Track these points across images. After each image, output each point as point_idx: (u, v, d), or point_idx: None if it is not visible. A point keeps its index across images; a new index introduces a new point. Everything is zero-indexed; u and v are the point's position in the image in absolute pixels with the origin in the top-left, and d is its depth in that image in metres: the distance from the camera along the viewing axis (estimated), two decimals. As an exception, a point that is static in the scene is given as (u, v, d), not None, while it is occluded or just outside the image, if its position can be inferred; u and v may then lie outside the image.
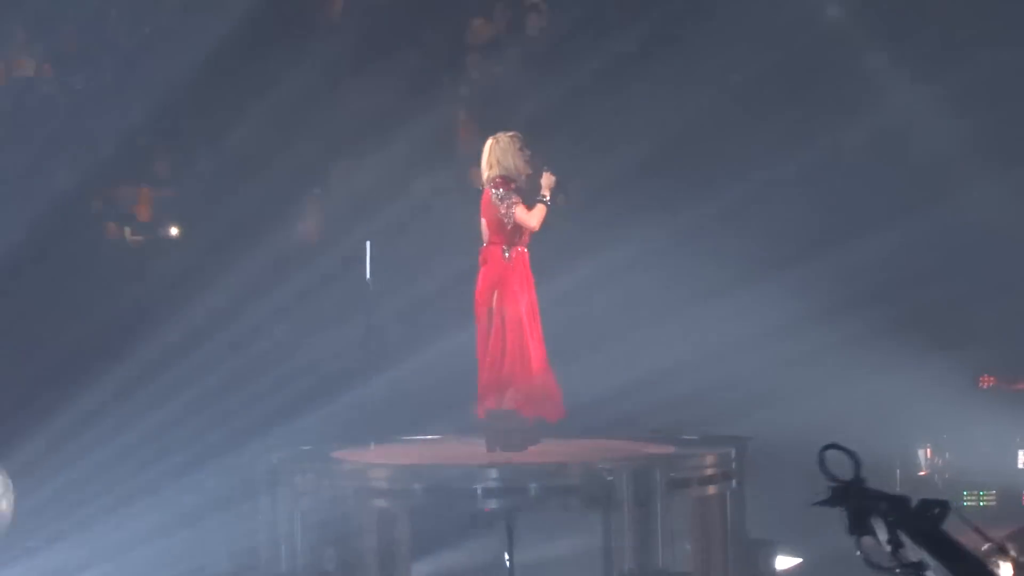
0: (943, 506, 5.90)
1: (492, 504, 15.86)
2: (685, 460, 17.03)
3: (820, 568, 18.65)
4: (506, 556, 15.60)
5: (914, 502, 6.08)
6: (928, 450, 22.00)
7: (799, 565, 18.95)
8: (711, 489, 16.43)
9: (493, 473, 15.98)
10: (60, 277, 23.35)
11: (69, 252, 24.46)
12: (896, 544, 5.89)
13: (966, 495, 21.35)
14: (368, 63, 25.97)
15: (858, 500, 6.07)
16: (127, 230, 25.33)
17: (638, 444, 17.89)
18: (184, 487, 19.77)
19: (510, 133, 17.87)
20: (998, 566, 16.25)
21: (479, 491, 15.60)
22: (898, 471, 21.00)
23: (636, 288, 22.28)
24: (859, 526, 6.05)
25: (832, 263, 22.36)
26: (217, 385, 20.46)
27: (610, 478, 15.89)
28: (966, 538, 14.79)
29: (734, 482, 16.97)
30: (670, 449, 17.35)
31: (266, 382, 20.34)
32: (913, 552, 5.79)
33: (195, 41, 25.60)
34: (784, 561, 17.90)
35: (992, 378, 22.59)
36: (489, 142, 17.85)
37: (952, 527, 13.72)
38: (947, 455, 21.70)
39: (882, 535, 5.88)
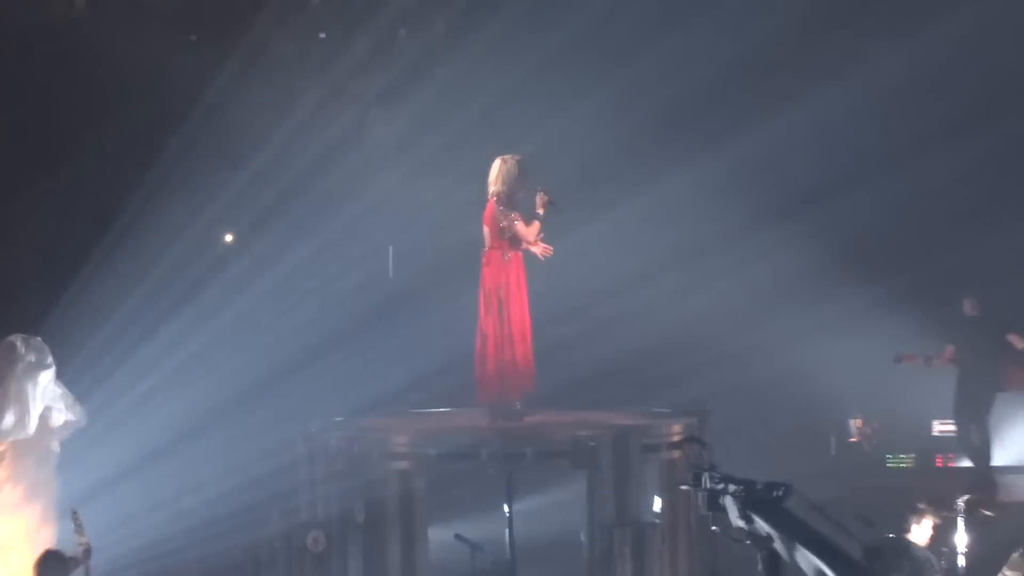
0: (786, 487, 7.13)
1: (494, 465, 16.86)
2: (655, 429, 18.01)
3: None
4: (505, 507, 15.60)
5: (760, 484, 7.26)
6: (859, 420, 23.07)
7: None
8: (674, 452, 17.28)
9: (496, 440, 17.06)
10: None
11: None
12: (747, 520, 7.06)
13: (890, 458, 22.64)
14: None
15: (714, 487, 7.23)
16: None
17: (615, 416, 18.60)
18: (242, 440, 20.24)
19: (516, 157, 18.79)
20: (918, 524, 17.60)
21: (484, 454, 16.65)
22: (832, 438, 22.37)
23: (608, 282, 22.57)
24: (713, 505, 7.28)
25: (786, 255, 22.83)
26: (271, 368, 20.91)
27: (592, 444, 17.18)
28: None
29: (701, 443, 20.06)
30: (642, 419, 18.52)
31: (310, 369, 20.97)
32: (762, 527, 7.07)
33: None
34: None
35: (913, 357, 22.63)
36: (497, 161, 18.70)
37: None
38: (875, 424, 22.89)
39: (733, 513, 7.04)
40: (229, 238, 23.46)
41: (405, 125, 24.98)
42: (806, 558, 6.79)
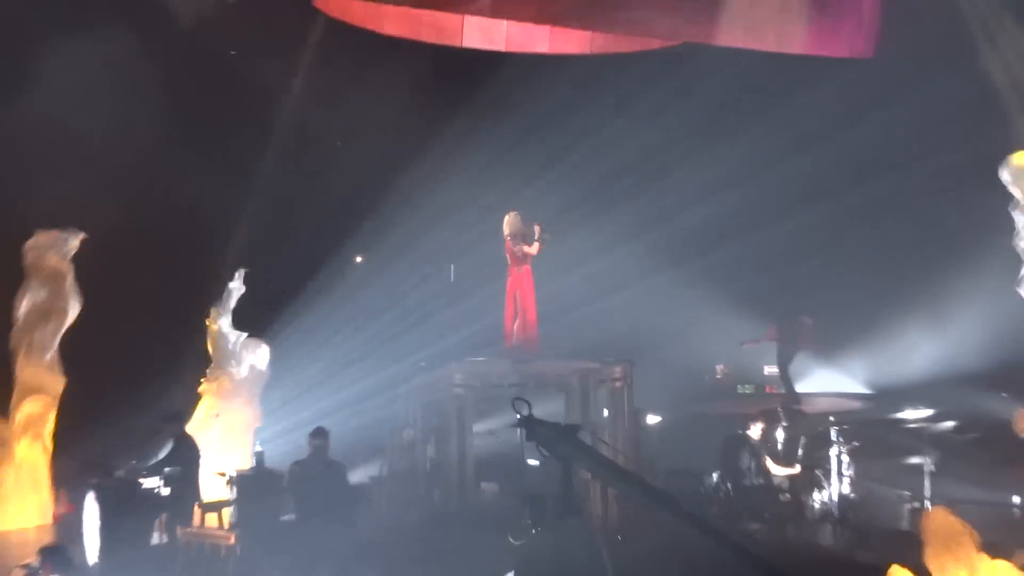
0: (576, 427, 9.36)
1: (511, 390, 19.48)
2: (605, 370, 21.36)
3: (675, 423, 23.32)
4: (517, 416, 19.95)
5: (562, 424, 9.50)
6: (722, 366, 26.11)
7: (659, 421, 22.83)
8: (617, 384, 21.23)
9: (512, 376, 20.86)
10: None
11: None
12: (552, 448, 9.15)
13: (740, 387, 25.67)
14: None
15: (529, 426, 9.25)
16: None
17: (582, 363, 21.45)
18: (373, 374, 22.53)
19: (515, 212, 22.06)
20: (754, 425, 19.45)
21: (505, 384, 20.50)
22: (706, 376, 25.32)
23: (580, 291, 24.51)
24: (533, 438, 9.31)
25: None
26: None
27: (568, 378, 20.95)
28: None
29: (628, 381, 21.50)
30: (597, 364, 21.46)
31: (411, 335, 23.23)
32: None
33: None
34: (652, 418, 22.66)
35: (752, 342, 25.43)
36: (506, 217, 22.02)
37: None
38: (730, 369, 26.10)
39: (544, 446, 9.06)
40: (359, 259, 25.03)
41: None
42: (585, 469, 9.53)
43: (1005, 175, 20.15)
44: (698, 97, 24.26)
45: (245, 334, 21.14)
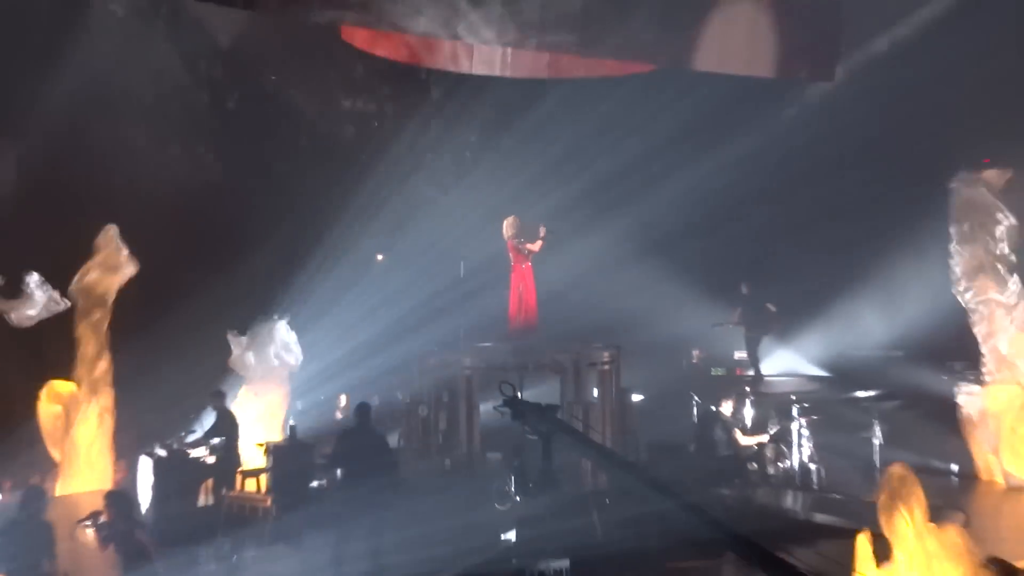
0: (555, 407, 9.17)
1: (513, 371, 20.13)
2: (595, 354, 21.32)
3: (657, 397, 23.09)
4: (518, 394, 20.20)
5: (544, 405, 9.27)
6: (697, 351, 25.49)
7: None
8: (606, 366, 21.06)
9: (514, 359, 20.86)
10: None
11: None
12: (533, 426, 8.96)
13: (713, 370, 25.17)
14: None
15: (515, 406, 9.09)
16: None
17: (576, 348, 21.45)
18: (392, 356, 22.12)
19: (512, 217, 21.98)
20: (726, 402, 19.51)
21: (508, 366, 20.51)
22: (683, 360, 24.83)
23: (572, 269, 24.08)
24: (517, 417, 9.10)
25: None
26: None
27: (564, 362, 20.96)
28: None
29: (615, 364, 21.33)
30: (589, 349, 21.42)
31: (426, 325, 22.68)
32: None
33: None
34: (636, 396, 22.33)
35: (721, 324, 25.03)
36: (508, 220, 21.90)
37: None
38: (706, 353, 25.55)
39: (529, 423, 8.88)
40: (380, 257, 24.78)
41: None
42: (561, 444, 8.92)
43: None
44: (675, 113, 24.02)
45: (281, 322, 21.02)
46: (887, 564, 13.69)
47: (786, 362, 23.37)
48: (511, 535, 16.27)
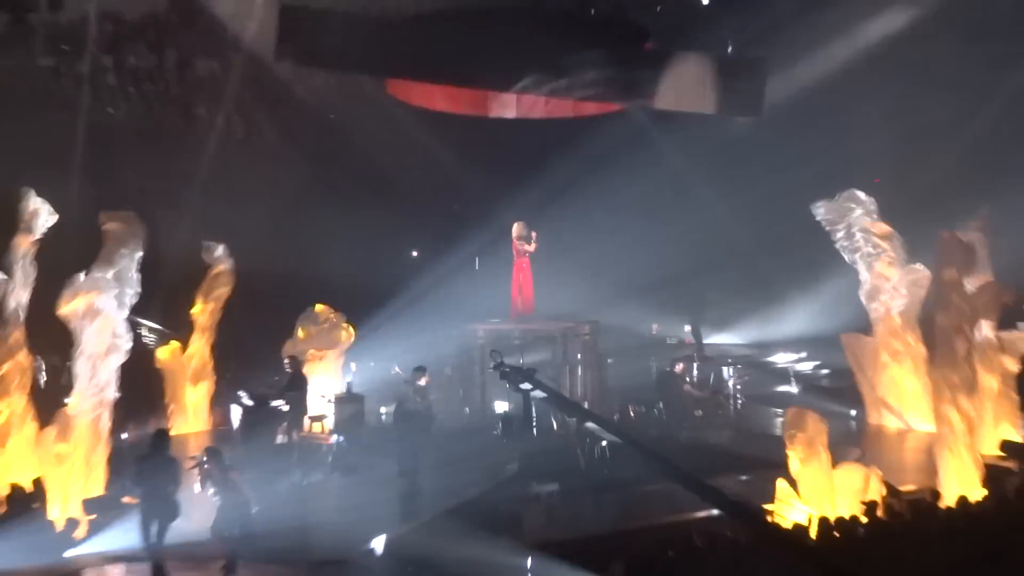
0: (532, 370, 9.35)
1: (518, 341, 20.53)
2: (578, 328, 21.43)
3: (625, 360, 22.36)
4: (520, 360, 18.05)
5: (525, 367, 9.51)
6: (656, 325, 24.78)
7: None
8: (587, 337, 21.12)
9: (516, 332, 21.01)
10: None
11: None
12: (515, 384, 9.15)
13: (668, 339, 24.79)
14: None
15: (501, 369, 9.29)
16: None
17: (563, 323, 21.42)
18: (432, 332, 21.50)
19: (519, 222, 21.66)
20: (679, 364, 19.68)
21: (512, 337, 20.82)
22: (646, 332, 24.23)
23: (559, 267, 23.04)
24: (503, 377, 9.38)
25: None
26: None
27: (556, 334, 20.89)
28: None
29: (594, 335, 21.34)
30: (573, 324, 21.41)
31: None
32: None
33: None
34: (610, 360, 21.95)
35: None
36: (517, 224, 21.63)
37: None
38: (661, 327, 24.68)
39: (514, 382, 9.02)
40: (415, 253, 24.46)
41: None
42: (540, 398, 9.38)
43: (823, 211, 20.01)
44: (636, 153, 23.92)
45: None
46: (800, 492, 13.81)
47: (723, 336, 22.88)
48: (515, 466, 16.49)
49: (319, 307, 20.19)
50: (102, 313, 15.27)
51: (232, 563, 12.53)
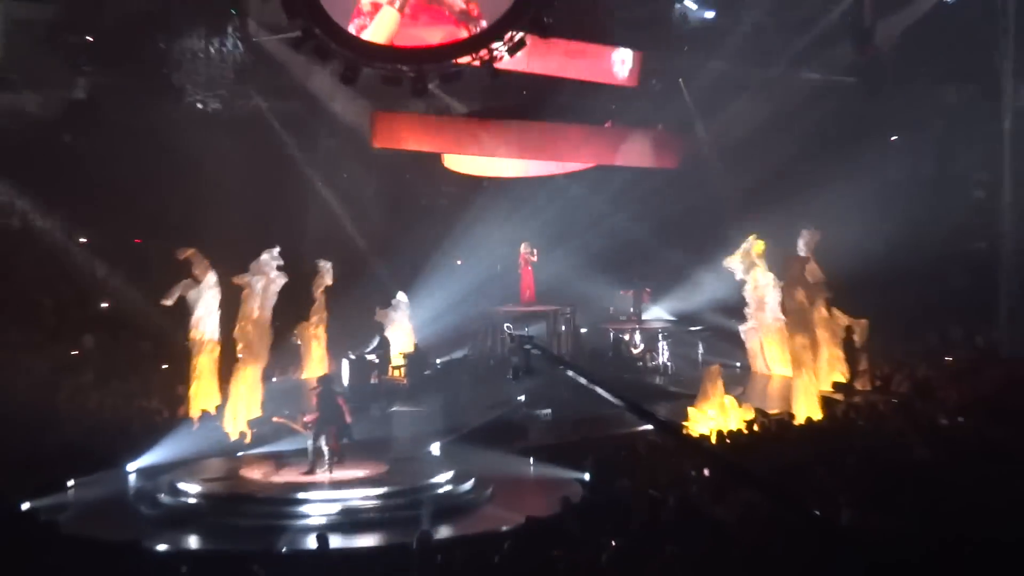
0: (530, 337, 9.03)
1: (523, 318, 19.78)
2: (563, 309, 20.31)
3: (593, 330, 21.21)
4: (526, 330, 17.30)
5: (527, 335, 9.42)
6: (611, 308, 22.07)
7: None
8: (568, 315, 20.26)
9: (523, 312, 20.23)
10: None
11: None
12: (520, 345, 8.65)
13: (620, 316, 22.02)
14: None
15: (511, 336, 11.34)
16: None
17: (554, 307, 20.26)
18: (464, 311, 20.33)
19: (527, 241, 20.79)
20: (625, 334, 19.52)
21: (520, 316, 20.08)
22: (606, 311, 21.73)
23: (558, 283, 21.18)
24: (512, 340, 11.04)
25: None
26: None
27: (548, 313, 20.12)
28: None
29: (574, 314, 20.43)
30: (560, 307, 20.29)
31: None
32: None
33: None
34: (583, 330, 21.00)
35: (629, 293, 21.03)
36: (524, 244, 20.79)
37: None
38: (615, 308, 21.98)
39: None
40: (459, 261, 22.46)
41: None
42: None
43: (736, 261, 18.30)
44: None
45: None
46: (705, 418, 13.95)
47: (655, 312, 21.65)
48: (521, 397, 16.28)
49: (400, 294, 19.67)
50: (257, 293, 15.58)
51: (341, 457, 12.49)
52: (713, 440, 12.33)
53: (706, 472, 10.08)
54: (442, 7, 14.74)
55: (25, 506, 10.66)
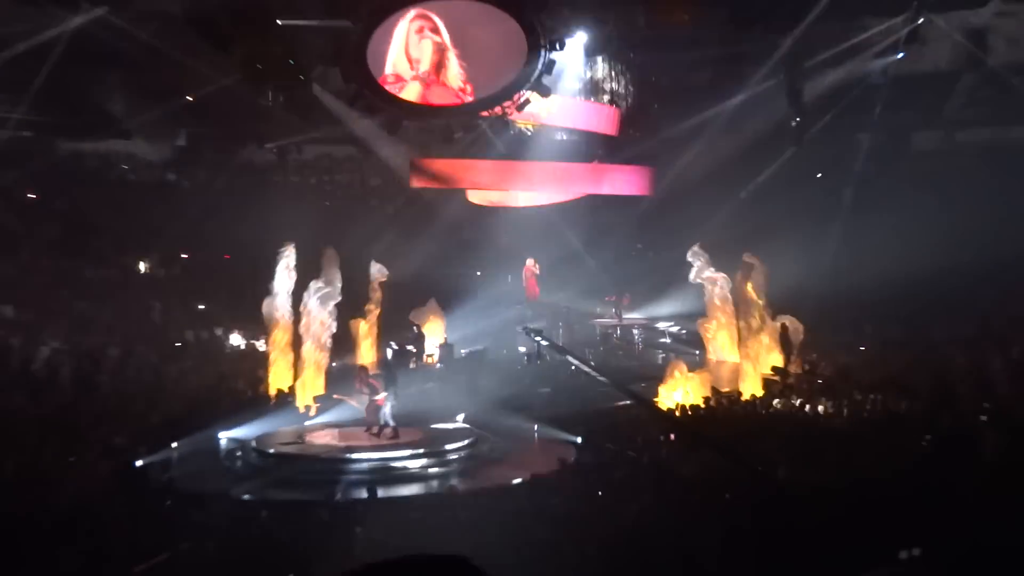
0: (539, 330, 9.20)
1: (530, 317, 18.87)
2: (561, 308, 19.62)
3: (583, 327, 19.77)
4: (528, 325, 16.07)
5: (536, 328, 9.75)
6: (599, 308, 21.06)
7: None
8: (565, 313, 19.48)
9: (531, 311, 19.50)
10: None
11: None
12: (531, 337, 9.04)
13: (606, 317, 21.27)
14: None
15: (526, 330, 9.49)
16: None
17: (554, 306, 19.75)
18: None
19: (533, 258, 20.18)
20: (609, 328, 20.51)
21: (530, 313, 19.33)
22: (596, 310, 20.37)
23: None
24: (526, 333, 9.56)
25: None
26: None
27: (549, 306, 19.71)
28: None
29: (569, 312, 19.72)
30: (559, 307, 19.53)
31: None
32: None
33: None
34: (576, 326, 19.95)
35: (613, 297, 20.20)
36: (529, 260, 20.26)
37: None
38: (602, 310, 20.86)
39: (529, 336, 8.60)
40: (479, 273, 21.39)
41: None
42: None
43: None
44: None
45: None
46: (671, 395, 13.60)
47: (633, 315, 20.89)
48: (529, 379, 16.12)
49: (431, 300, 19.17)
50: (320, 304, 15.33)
51: (388, 427, 12.42)
52: (677, 412, 12.28)
53: (672, 437, 10.09)
54: (447, 85, 15.48)
55: (140, 463, 10.86)
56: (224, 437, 12.64)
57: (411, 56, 15.27)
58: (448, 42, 15.12)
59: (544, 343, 10.20)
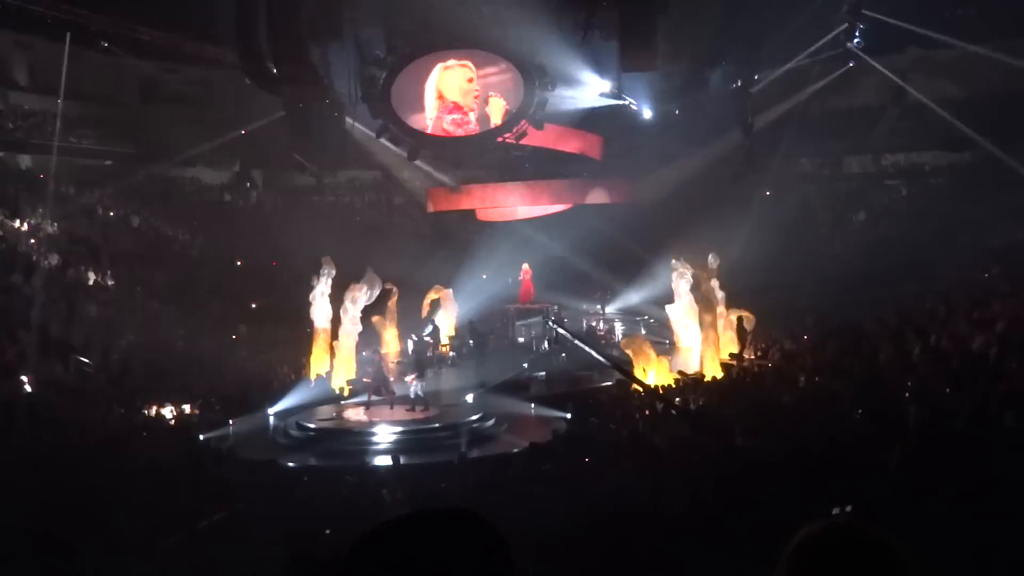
0: (560, 317, 9.53)
1: (523, 313, 18.30)
2: (552, 306, 18.48)
3: (570, 319, 18.17)
4: (540, 319, 16.81)
5: (561, 318, 10.66)
6: (585, 304, 19.96)
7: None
8: (556, 308, 18.54)
9: (524, 308, 18.78)
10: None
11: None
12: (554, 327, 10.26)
13: (592, 310, 20.22)
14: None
15: (551, 320, 10.49)
16: None
17: (544, 304, 18.81)
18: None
19: (526, 263, 19.26)
20: (593, 320, 18.24)
21: (521, 311, 18.63)
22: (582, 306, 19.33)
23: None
24: (553, 324, 10.55)
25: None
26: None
27: (544, 309, 18.44)
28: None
29: (558, 308, 19.00)
30: (549, 304, 18.74)
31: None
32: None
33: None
34: (561, 317, 18.73)
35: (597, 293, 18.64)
36: (525, 264, 19.24)
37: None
38: (587, 304, 20.10)
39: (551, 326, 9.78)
40: (484, 276, 20.27)
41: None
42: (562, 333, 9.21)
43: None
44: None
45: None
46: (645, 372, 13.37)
47: (614, 306, 20.17)
48: (525, 365, 15.88)
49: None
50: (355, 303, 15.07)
51: (421, 402, 12.39)
52: (659, 389, 11.94)
53: (647, 412, 9.98)
54: (459, 120, 16.29)
55: (202, 437, 10.87)
56: (272, 414, 12.53)
57: (431, 95, 15.90)
58: (469, 84, 15.74)
59: (560, 331, 9.87)
